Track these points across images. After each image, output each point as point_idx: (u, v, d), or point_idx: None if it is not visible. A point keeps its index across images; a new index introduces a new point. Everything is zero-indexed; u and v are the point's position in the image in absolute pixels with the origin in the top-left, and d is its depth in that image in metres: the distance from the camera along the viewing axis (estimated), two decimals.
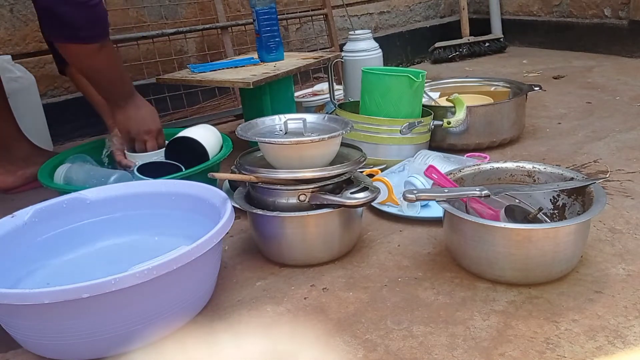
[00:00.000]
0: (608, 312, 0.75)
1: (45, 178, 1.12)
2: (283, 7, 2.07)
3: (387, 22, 2.49)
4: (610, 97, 1.71)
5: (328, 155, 0.93)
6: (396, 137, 1.22)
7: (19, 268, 0.86)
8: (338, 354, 0.71)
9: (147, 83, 1.73)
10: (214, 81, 1.37)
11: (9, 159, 1.33)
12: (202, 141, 1.15)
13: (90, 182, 1.10)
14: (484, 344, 0.71)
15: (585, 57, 2.25)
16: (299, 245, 0.90)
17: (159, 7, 1.83)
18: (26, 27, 1.65)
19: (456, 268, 0.88)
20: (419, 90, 1.26)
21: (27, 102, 1.51)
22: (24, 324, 0.71)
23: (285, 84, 1.42)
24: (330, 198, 0.87)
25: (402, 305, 0.80)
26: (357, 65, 1.54)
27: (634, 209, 1.02)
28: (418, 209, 1.05)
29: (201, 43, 1.90)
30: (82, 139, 1.70)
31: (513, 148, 1.37)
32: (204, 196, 0.91)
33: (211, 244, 0.75)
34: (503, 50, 2.49)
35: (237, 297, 0.85)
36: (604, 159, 1.25)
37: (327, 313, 0.80)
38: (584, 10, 2.32)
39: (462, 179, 0.96)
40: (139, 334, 0.73)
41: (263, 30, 1.45)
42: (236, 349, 0.75)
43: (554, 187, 0.90)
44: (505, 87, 1.50)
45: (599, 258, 0.88)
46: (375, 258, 0.93)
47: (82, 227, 0.94)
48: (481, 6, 2.65)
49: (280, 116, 1.00)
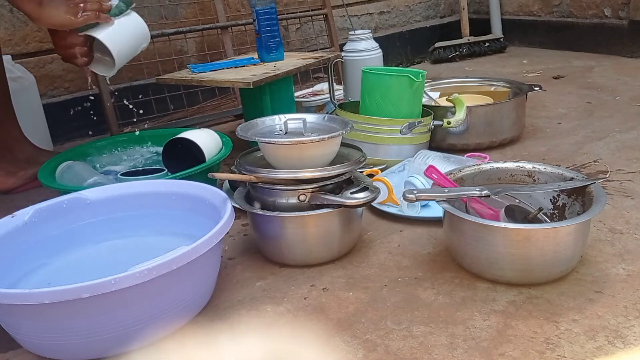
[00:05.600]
0: (608, 312, 0.75)
1: (46, 178, 1.12)
2: (283, 7, 2.07)
3: (387, 22, 2.49)
4: (610, 97, 1.71)
5: (328, 155, 0.93)
6: (396, 137, 1.22)
7: (19, 268, 0.86)
8: (338, 354, 0.71)
9: (147, 83, 1.73)
10: (214, 81, 1.37)
11: (10, 160, 1.33)
12: (199, 143, 1.15)
13: (72, 182, 1.12)
14: (484, 344, 0.71)
15: (585, 57, 2.25)
16: (299, 245, 0.90)
17: (159, 7, 1.83)
18: (26, 27, 1.65)
19: (456, 268, 0.88)
20: (419, 90, 1.26)
21: (27, 102, 1.51)
22: (24, 324, 0.71)
23: (285, 84, 1.42)
24: (330, 198, 0.87)
25: (402, 305, 0.80)
26: (357, 65, 1.54)
27: (634, 209, 1.02)
28: (418, 209, 1.05)
29: (201, 43, 1.90)
30: (82, 139, 1.70)
31: (513, 148, 1.37)
32: (204, 196, 0.91)
33: (211, 244, 0.75)
34: (503, 50, 2.49)
35: (237, 297, 0.85)
36: (604, 159, 1.25)
37: (327, 313, 0.80)
38: (584, 10, 2.32)
39: (462, 179, 0.96)
40: (139, 334, 0.73)
41: (263, 30, 1.45)
42: (236, 349, 0.75)
43: (554, 187, 0.90)
44: (505, 87, 1.50)
45: (599, 258, 0.88)
46: (375, 258, 0.93)
47: (82, 227, 0.94)
48: (481, 6, 2.65)
49: (280, 116, 1.00)
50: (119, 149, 1.36)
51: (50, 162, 1.20)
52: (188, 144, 1.15)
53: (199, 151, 1.14)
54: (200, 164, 1.11)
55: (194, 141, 1.15)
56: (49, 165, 1.19)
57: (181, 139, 1.17)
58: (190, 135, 1.17)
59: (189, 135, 1.17)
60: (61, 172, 1.16)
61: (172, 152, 1.18)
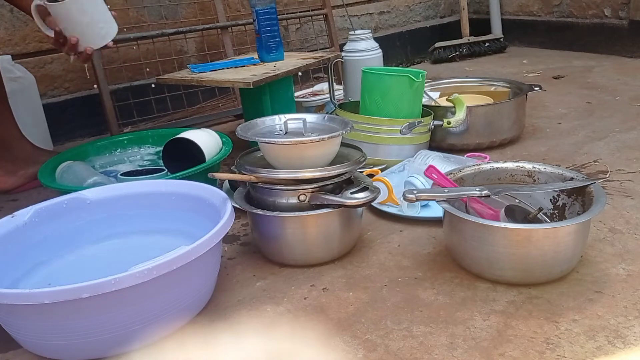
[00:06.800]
0: (608, 312, 0.75)
1: (46, 178, 1.12)
2: (283, 7, 2.07)
3: (387, 22, 2.49)
4: (610, 97, 1.71)
5: (328, 155, 0.93)
6: (396, 137, 1.22)
7: (19, 268, 0.86)
8: (338, 354, 0.71)
9: (147, 83, 1.73)
10: (214, 81, 1.37)
11: (9, 159, 1.33)
12: (199, 143, 1.15)
13: (72, 182, 1.12)
14: (484, 344, 0.71)
15: (585, 57, 2.25)
16: (299, 245, 0.90)
17: (159, 7, 1.83)
18: (26, 27, 1.65)
19: (456, 268, 0.88)
20: (419, 90, 1.26)
21: (27, 102, 1.51)
22: (24, 324, 0.71)
23: (285, 84, 1.42)
24: (330, 198, 0.87)
25: (402, 305, 0.80)
26: (357, 65, 1.54)
27: (634, 209, 1.02)
28: (418, 209, 1.05)
29: (201, 43, 1.90)
30: (82, 139, 1.70)
31: (513, 148, 1.37)
32: (204, 196, 0.91)
33: (211, 244, 0.75)
34: (503, 50, 2.49)
35: (237, 297, 0.85)
36: (604, 159, 1.25)
37: (327, 313, 0.80)
38: (584, 10, 2.32)
39: (462, 179, 0.96)
40: (139, 334, 0.73)
41: (263, 30, 1.45)
42: (236, 348, 0.75)
43: (554, 187, 0.90)
44: (505, 87, 1.50)
45: (599, 258, 0.88)
46: (375, 258, 0.93)
47: (82, 227, 0.94)
48: (481, 6, 2.65)
49: (280, 116, 1.00)
50: (119, 149, 1.36)
51: (50, 162, 1.20)
52: (188, 144, 1.15)
53: (199, 151, 1.14)
54: (200, 164, 1.11)
55: (194, 141, 1.15)
56: (49, 165, 1.19)
57: (181, 139, 1.17)
58: (190, 135, 1.17)
59: (189, 135, 1.17)
60: (61, 172, 1.16)
61: (172, 152, 1.18)
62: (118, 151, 1.36)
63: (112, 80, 1.70)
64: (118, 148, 1.36)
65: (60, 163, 1.19)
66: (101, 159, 1.33)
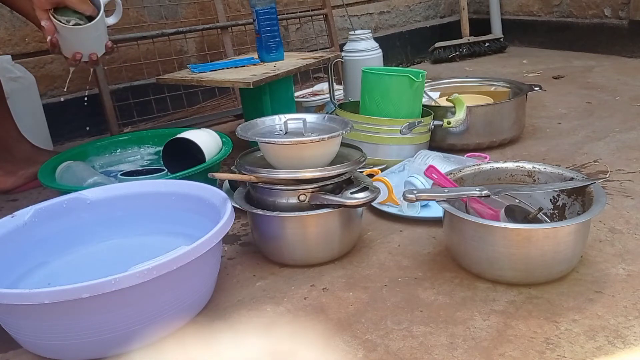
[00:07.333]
0: (608, 312, 0.75)
1: (46, 178, 1.12)
2: (283, 7, 2.07)
3: (387, 22, 2.49)
4: (610, 97, 1.71)
5: (328, 155, 0.93)
6: (396, 137, 1.22)
7: (19, 268, 0.86)
8: (338, 354, 0.71)
9: (147, 83, 1.73)
10: (214, 81, 1.37)
11: (9, 159, 1.33)
12: (199, 143, 1.15)
13: (72, 182, 1.12)
14: (484, 344, 0.71)
15: (585, 57, 2.25)
16: (299, 245, 0.90)
17: (159, 7, 1.83)
18: (26, 27, 1.65)
19: (456, 268, 0.88)
20: (419, 90, 1.26)
21: (27, 102, 1.51)
22: (24, 324, 0.71)
23: (285, 84, 1.42)
24: (330, 198, 0.87)
25: (402, 305, 0.80)
26: (357, 65, 1.54)
27: (634, 209, 1.02)
28: (418, 209, 1.05)
29: (201, 43, 1.90)
30: (82, 139, 1.70)
31: (513, 148, 1.37)
32: (204, 196, 0.91)
33: (211, 244, 0.75)
34: (503, 50, 2.49)
35: (237, 297, 0.85)
36: (604, 159, 1.25)
37: (327, 313, 0.80)
38: (584, 10, 2.32)
39: (462, 179, 0.96)
40: (139, 334, 0.73)
41: (263, 30, 1.45)
42: (236, 349, 0.75)
43: (554, 187, 0.90)
44: (505, 87, 1.50)
45: (599, 258, 0.88)
46: (375, 258, 0.93)
47: (82, 227, 0.94)
48: (481, 6, 2.65)
49: (280, 116, 1.00)
50: (119, 149, 1.36)
51: (50, 162, 1.20)
52: (188, 144, 1.15)
53: (199, 151, 1.14)
54: (200, 164, 1.11)
55: (194, 141, 1.15)
56: (49, 165, 1.19)
57: (181, 139, 1.17)
58: (190, 135, 1.17)
59: (189, 135, 1.17)
60: (61, 172, 1.16)
61: (172, 152, 1.18)
62: (118, 151, 1.36)
63: (112, 80, 1.71)
64: (118, 148, 1.36)
65: (60, 163, 1.19)
66: (101, 159, 1.33)
